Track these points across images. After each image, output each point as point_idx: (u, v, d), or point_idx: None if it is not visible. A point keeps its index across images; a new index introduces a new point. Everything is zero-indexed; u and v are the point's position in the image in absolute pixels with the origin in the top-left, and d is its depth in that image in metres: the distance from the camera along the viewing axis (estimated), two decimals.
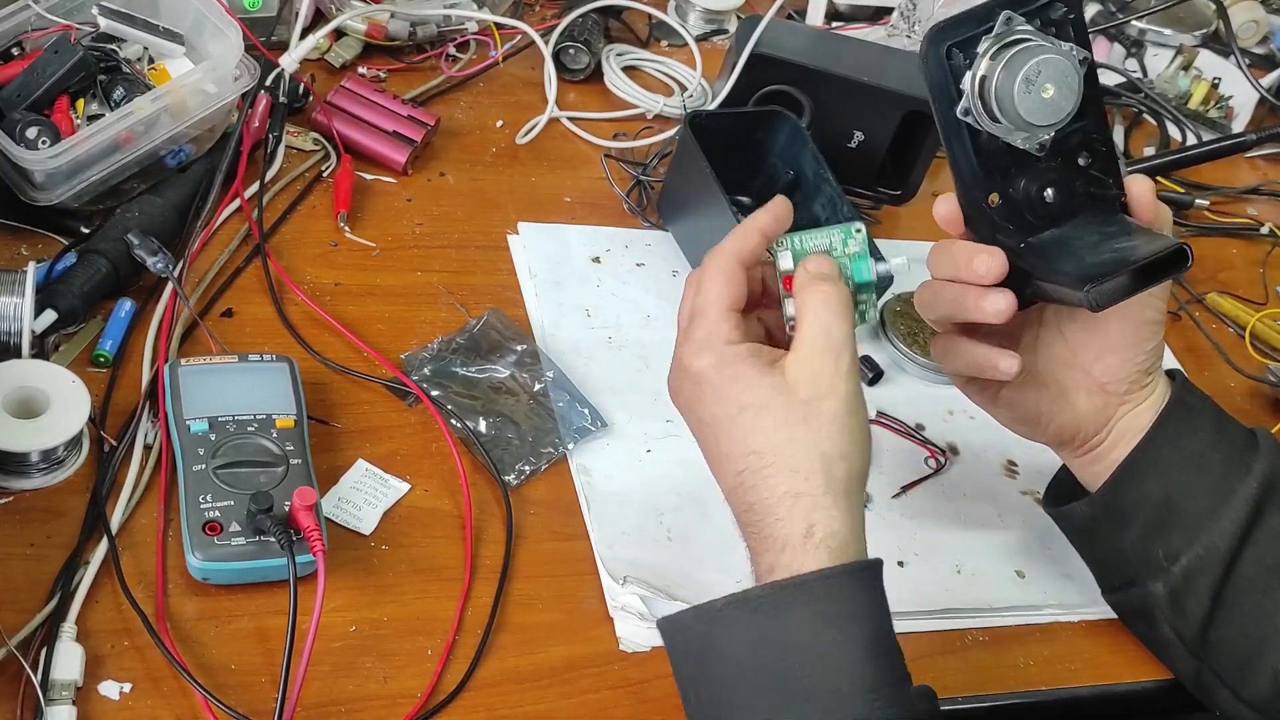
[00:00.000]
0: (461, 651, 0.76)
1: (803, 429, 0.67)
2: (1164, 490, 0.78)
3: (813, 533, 0.65)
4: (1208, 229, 1.26)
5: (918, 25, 1.26)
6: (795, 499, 0.66)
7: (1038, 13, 0.71)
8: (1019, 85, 0.70)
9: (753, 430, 0.68)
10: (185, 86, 0.93)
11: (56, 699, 0.67)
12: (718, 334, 0.70)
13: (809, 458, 0.66)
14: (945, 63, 0.71)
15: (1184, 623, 0.79)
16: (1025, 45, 0.70)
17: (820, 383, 0.68)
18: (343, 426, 0.85)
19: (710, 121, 1.04)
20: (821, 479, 0.66)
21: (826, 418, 0.67)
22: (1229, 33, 1.38)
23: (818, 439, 0.67)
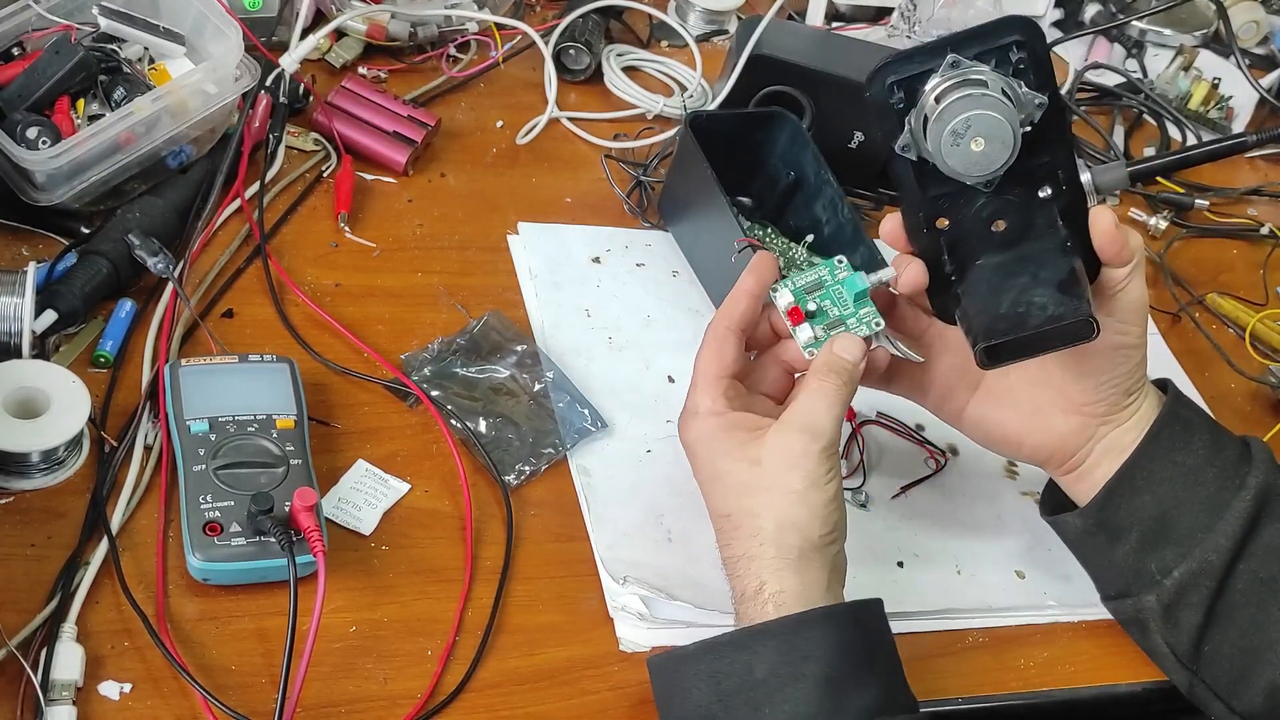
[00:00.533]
0: (461, 652, 0.76)
1: (763, 499, 0.72)
2: (1158, 505, 0.78)
3: (761, 590, 0.71)
4: (1208, 230, 1.26)
5: (918, 25, 1.26)
6: (751, 560, 0.72)
7: (994, 54, 0.70)
8: (946, 138, 0.70)
9: (724, 495, 0.74)
10: (186, 87, 0.93)
11: (56, 699, 0.67)
12: (702, 405, 0.76)
13: (769, 526, 0.72)
14: (887, 100, 0.71)
15: (1177, 635, 0.79)
16: (961, 96, 0.69)
17: (788, 459, 0.72)
18: (343, 427, 0.85)
19: (711, 122, 1.04)
20: (773, 546, 0.71)
21: (786, 490, 0.72)
22: (1229, 33, 1.38)
23: (775, 509, 0.72)
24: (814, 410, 0.73)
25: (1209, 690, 0.79)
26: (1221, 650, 0.78)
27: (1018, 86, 0.70)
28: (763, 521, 0.72)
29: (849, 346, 0.76)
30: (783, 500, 0.72)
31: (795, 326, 0.78)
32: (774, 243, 1.03)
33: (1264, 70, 1.44)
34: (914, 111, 0.71)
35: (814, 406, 0.74)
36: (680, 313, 1.01)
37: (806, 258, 1.02)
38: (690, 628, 0.79)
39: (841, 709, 0.67)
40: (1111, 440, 0.80)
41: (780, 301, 0.78)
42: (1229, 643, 0.78)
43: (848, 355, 0.76)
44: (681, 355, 0.97)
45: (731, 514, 0.73)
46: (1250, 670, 0.77)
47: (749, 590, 0.72)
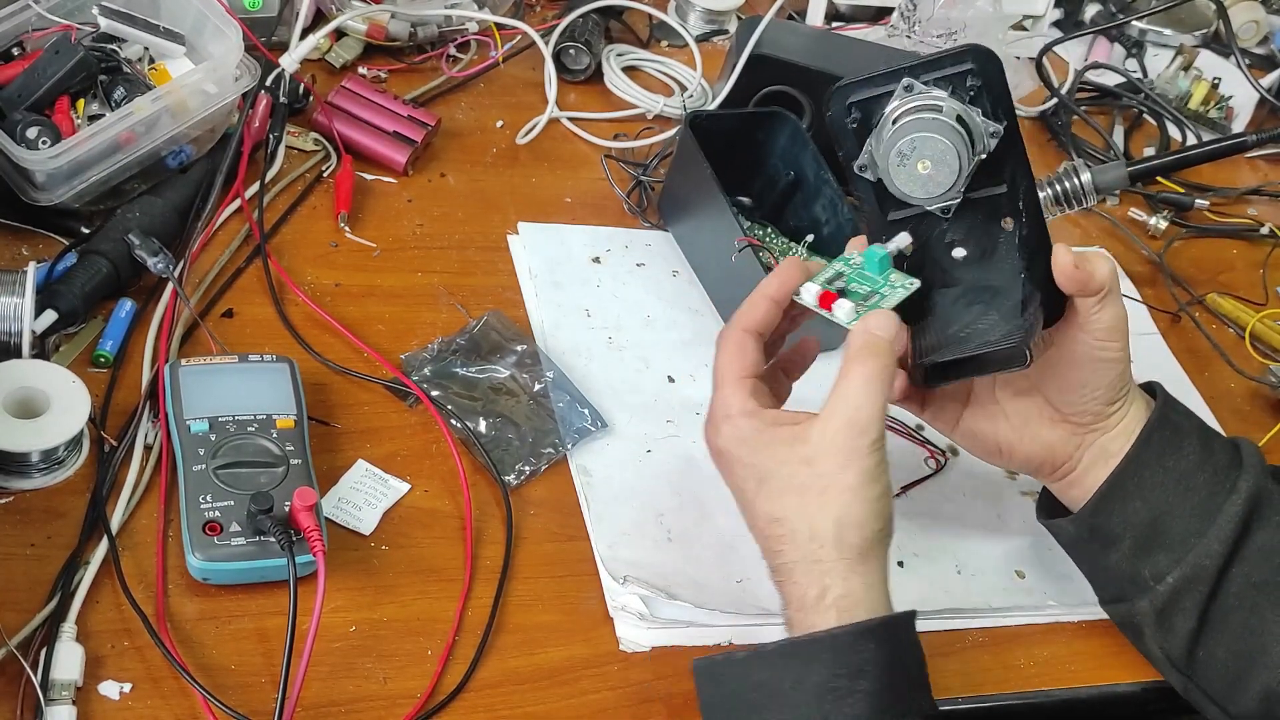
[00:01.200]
0: (461, 652, 0.76)
1: (820, 499, 0.69)
2: (1150, 511, 0.78)
3: (825, 595, 0.68)
4: (1208, 229, 1.26)
5: (918, 25, 1.26)
6: (811, 564, 0.69)
7: (950, 80, 0.70)
8: (893, 158, 0.70)
9: (775, 498, 0.70)
10: (186, 87, 0.93)
11: (56, 699, 0.67)
12: (732, 407, 0.72)
13: (824, 526, 0.68)
14: (844, 119, 0.72)
15: (1172, 640, 0.79)
16: (910, 119, 0.70)
17: (841, 455, 0.69)
18: (343, 427, 0.85)
19: (710, 122, 1.04)
20: (834, 547, 0.68)
21: (844, 487, 0.69)
22: (1229, 33, 1.38)
23: (833, 508, 0.69)
24: (859, 399, 0.69)
25: (1204, 695, 0.79)
26: (1215, 655, 0.78)
27: (974, 114, 0.70)
28: (822, 522, 0.68)
29: (882, 322, 0.71)
30: (841, 498, 0.68)
31: (832, 307, 0.73)
32: (774, 243, 1.03)
33: (1264, 70, 1.44)
34: (873, 133, 0.72)
35: (858, 394, 0.69)
36: (680, 313, 1.01)
37: (806, 257, 1.02)
38: (690, 627, 0.79)
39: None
40: (1100, 447, 0.80)
41: (808, 297, 0.74)
42: (1223, 647, 0.78)
43: (882, 331, 0.71)
44: (681, 355, 0.97)
45: (785, 517, 0.70)
46: (1245, 675, 0.77)
47: (809, 597, 0.68)
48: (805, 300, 0.75)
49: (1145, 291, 1.16)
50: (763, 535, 0.71)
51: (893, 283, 0.75)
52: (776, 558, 0.71)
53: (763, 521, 0.71)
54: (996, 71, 0.70)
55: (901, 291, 0.74)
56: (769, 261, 0.98)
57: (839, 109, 0.72)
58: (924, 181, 0.71)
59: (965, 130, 0.70)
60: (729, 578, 0.83)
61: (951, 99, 0.70)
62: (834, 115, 0.73)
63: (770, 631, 0.80)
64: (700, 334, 0.99)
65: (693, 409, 0.93)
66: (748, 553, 0.84)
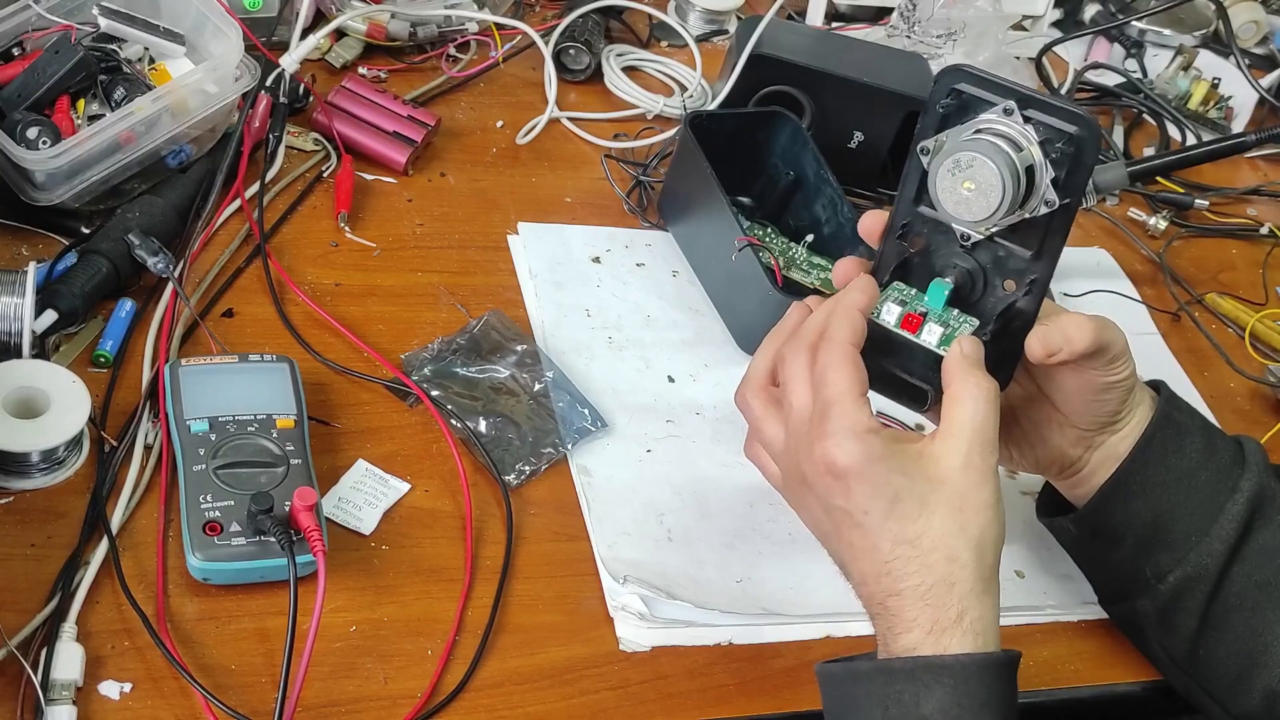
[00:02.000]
0: (462, 652, 0.76)
1: (959, 518, 0.67)
2: (1152, 510, 0.78)
3: (963, 618, 0.66)
4: (1207, 229, 1.26)
5: (917, 25, 1.26)
6: (950, 586, 0.66)
7: (1049, 131, 0.68)
8: (947, 163, 0.69)
9: (910, 519, 0.67)
10: (186, 86, 0.93)
11: (57, 699, 0.67)
12: (859, 424, 0.68)
13: (966, 546, 0.67)
14: (940, 98, 0.71)
15: (1173, 640, 0.79)
16: (986, 139, 0.68)
17: (975, 473, 0.68)
18: (343, 427, 0.85)
19: (710, 122, 1.04)
20: (975, 567, 0.67)
21: (981, 505, 0.67)
22: (1229, 33, 1.38)
23: (973, 528, 0.67)
24: (982, 417, 0.68)
25: (1206, 695, 0.79)
26: (1217, 654, 0.78)
27: (1045, 174, 0.68)
28: (961, 543, 0.66)
29: (979, 347, 0.71)
30: (980, 517, 0.67)
31: (920, 330, 0.73)
32: (774, 242, 1.03)
33: (1263, 70, 1.44)
34: (953, 128, 0.70)
35: (980, 413, 0.68)
36: (680, 312, 1.01)
37: (807, 257, 1.02)
38: (690, 627, 0.79)
39: None
40: (1109, 447, 0.79)
41: (890, 317, 0.73)
42: (1224, 647, 0.78)
43: (976, 353, 0.71)
44: (681, 355, 0.97)
45: (919, 538, 0.66)
46: (1246, 674, 0.77)
47: (944, 620, 0.66)
48: (888, 321, 0.73)
49: (1145, 291, 1.16)
50: (884, 562, 0.67)
51: (957, 319, 0.74)
52: (900, 582, 0.67)
53: (889, 544, 0.67)
54: (1090, 155, 0.68)
55: (967, 327, 0.73)
56: (769, 262, 0.98)
57: (942, 86, 0.70)
58: (960, 199, 0.69)
59: (1027, 182, 0.68)
60: (729, 578, 0.83)
61: (1036, 148, 0.68)
62: (935, 90, 0.71)
63: (770, 631, 0.81)
64: (700, 334, 0.99)
65: (693, 409, 0.93)
66: (748, 552, 0.85)
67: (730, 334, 0.99)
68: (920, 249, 0.75)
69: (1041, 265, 0.72)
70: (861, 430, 0.67)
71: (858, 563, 0.69)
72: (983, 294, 0.74)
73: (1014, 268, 0.73)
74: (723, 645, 0.80)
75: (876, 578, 0.68)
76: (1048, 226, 0.71)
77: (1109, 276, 1.17)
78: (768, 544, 0.85)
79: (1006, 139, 0.68)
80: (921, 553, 0.66)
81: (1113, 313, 1.10)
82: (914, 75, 1.14)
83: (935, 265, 0.74)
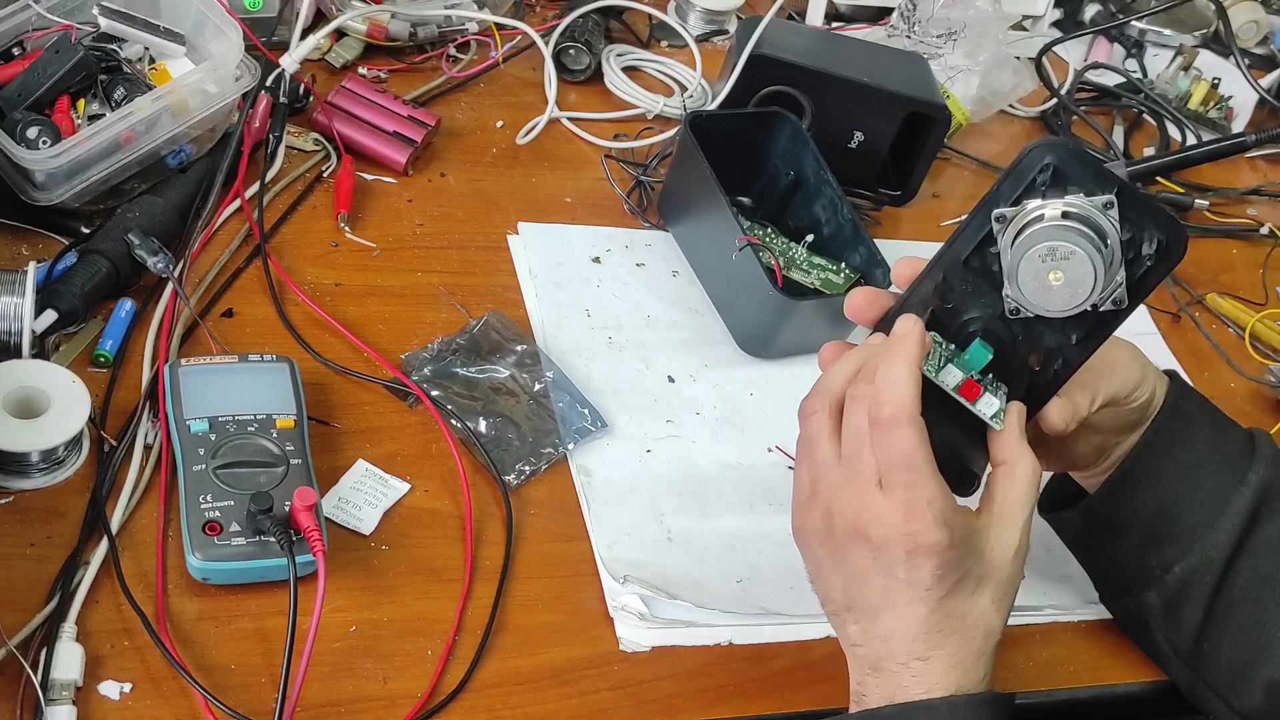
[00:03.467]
0: (461, 652, 0.76)
1: (1003, 600, 0.69)
2: (1158, 501, 0.78)
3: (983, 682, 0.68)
4: (1208, 230, 1.26)
5: (917, 25, 1.26)
6: (980, 656, 0.68)
7: (1136, 231, 0.65)
8: (1039, 247, 0.65)
9: (964, 598, 0.67)
10: (186, 86, 0.93)
11: (56, 699, 0.67)
12: (947, 508, 0.66)
13: (1001, 621, 0.69)
14: (1032, 168, 0.66)
15: (1178, 632, 0.79)
16: (1088, 233, 0.65)
17: (1020, 558, 0.69)
18: (343, 427, 0.85)
19: (711, 122, 1.04)
20: (996, 642, 0.69)
21: (1018, 583, 0.70)
22: (1229, 33, 1.38)
23: (1009, 603, 0.69)
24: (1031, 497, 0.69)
25: (1208, 688, 0.79)
26: (1221, 647, 0.78)
27: (1121, 274, 0.66)
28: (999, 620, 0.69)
29: (1022, 417, 0.70)
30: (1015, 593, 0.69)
31: (977, 399, 0.70)
32: (774, 242, 1.03)
33: (1263, 70, 1.44)
34: (1038, 202, 0.66)
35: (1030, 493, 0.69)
36: (680, 313, 1.01)
37: (807, 257, 1.02)
38: (690, 627, 0.79)
39: None
40: (1126, 446, 0.80)
41: (950, 379, 0.70)
42: (1228, 639, 0.78)
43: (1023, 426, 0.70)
44: (681, 355, 0.97)
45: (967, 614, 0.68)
46: (1250, 668, 0.77)
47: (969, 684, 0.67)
48: (948, 384, 0.70)
49: None
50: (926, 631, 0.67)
51: (993, 384, 0.71)
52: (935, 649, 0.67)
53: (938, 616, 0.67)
54: (1172, 263, 0.66)
55: (1004, 397, 0.71)
56: (769, 262, 0.98)
57: (1036, 156, 0.66)
58: (1044, 287, 0.66)
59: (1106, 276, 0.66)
60: (729, 578, 0.83)
61: (1120, 246, 0.66)
62: (1029, 157, 0.66)
63: (770, 631, 0.81)
64: (700, 334, 0.99)
65: (693, 409, 0.93)
66: (748, 552, 0.85)
67: (730, 334, 0.99)
68: (953, 308, 0.71)
69: (1076, 351, 0.70)
70: (950, 515, 0.66)
71: (884, 620, 0.68)
72: (1004, 368, 0.71)
73: (1048, 347, 0.70)
74: (723, 645, 0.80)
75: (909, 641, 0.67)
76: (1099, 320, 0.68)
77: None
78: (768, 544, 0.85)
79: (1098, 231, 0.65)
80: (965, 627, 0.67)
81: None
82: (914, 75, 1.14)
83: (961, 322, 0.71)
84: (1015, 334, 0.70)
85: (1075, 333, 0.69)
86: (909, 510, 0.66)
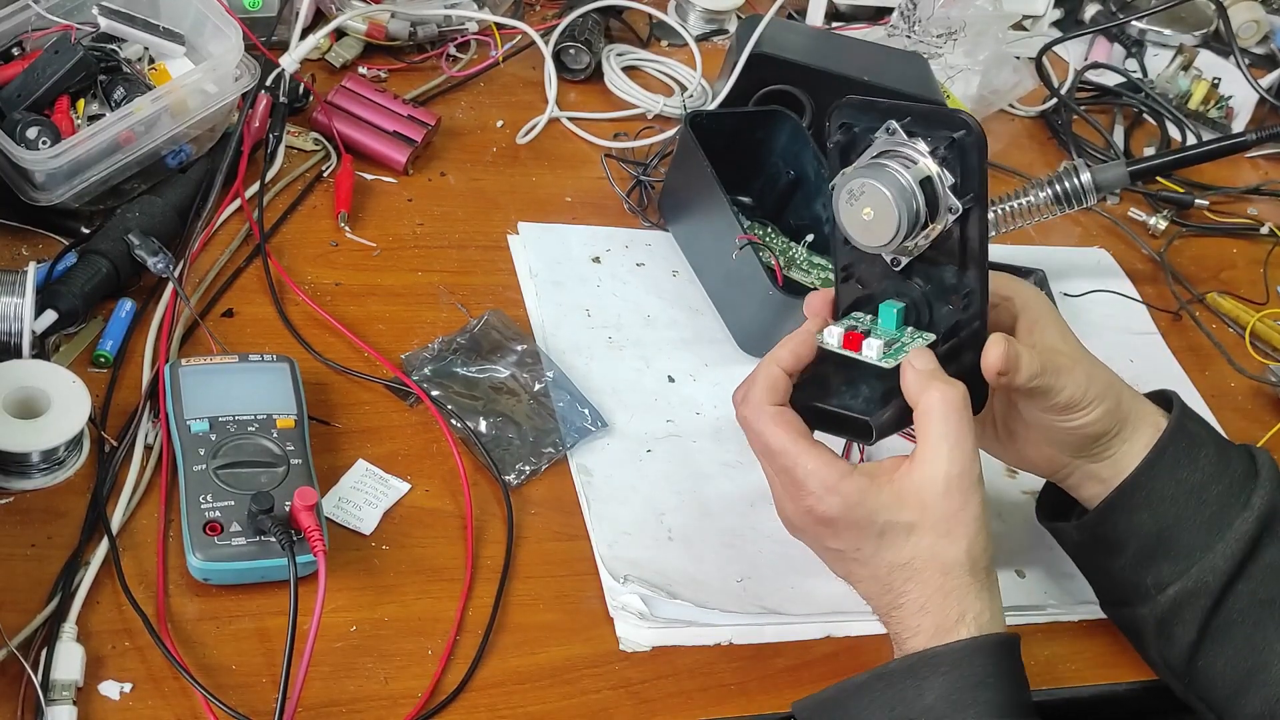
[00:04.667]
0: (462, 652, 0.76)
1: (949, 538, 0.70)
2: (1157, 523, 0.78)
3: (964, 617, 0.70)
4: (1208, 229, 1.26)
5: (918, 25, 1.26)
6: (946, 594, 0.70)
7: (938, 140, 0.69)
8: (844, 194, 0.70)
9: (899, 547, 0.71)
10: (185, 86, 0.93)
11: (57, 699, 0.67)
12: (830, 475, 0.70)
13: (957, 559, 0.70)
14: (835, 138, 0.72)
15: (1171, 650, 0.79)
16: (873, 163, 0.69)
17: (956, 496, 0.70)
18: (343, 426, 0.85)
19: (711, 121, 1.04)
20: (968, 573, 0.70)
21: (969, 519, 0.70)
22: (1229, 33, 1.38)
23: (962, 541, 0.70)
24: (951, 432, 0.70)
25: (1203, 704, 0.79)
26: (1215, 667, 0.77)
27: (942, 182, 0.69)
28: (952, 555, 0.70)
29: (926, 355, 0.71)
30: (968, 530, 0.70)
31: (861, 346, 0.73)
32: (774, 242, 1.03)
33: (1264, 70, 1.44)
34: (857, 162, 0.71)
35: (949, 428, 0.70)
36: (680, 312, 1.01)
37: (807, 257, 1.02)
38: (690, 627, 0.79)
39: None
40: (1086, 472, 0.80)
41: (831, 339, 0.73)
42: (1223, 659, 0.77)
43: (930, 363, 0.71)
44: (681, 355, 0.97)
45: (911, 560, 0.70)
46: (1244, 689, 0.76)
47: (947, 623, 0.70)
48: (830, 343, 0.73)
49: (1146, 290, 1.16)
50: (883, 584, 0.72)
51: (911, 335, 0.74)
52: (901, 598, 0.71)
53: (884, 571, 0.71)
54: (975, 155, 0.68)
55: (920, 341, 0.73)
56: (769, 261, 0.98)
57: (833, 123, 0.72)
58: (864, 227, 0.70)
59: (926, 195, 0.69)
60: (729, 577, 0.83)
61: (930, 159, 0.69)
62: (828, 128, 0.73)
63: (771, 631, 0.81)
64: (700, 334, 0.99)
65: (693, 409, 0.93)
66: (748, 552, 0.85)
67: (730, 334, 0.99)
68: (863, 288, 0.75)
69: (971, 275, 0.72)
70: (835, 481, 0.70)
71: (860, 585, 0.74)
72: (931, 317, 0.74)
73: (950, 284, 0.72)
74: (723, 645, 0.80)
75: (878, 595, 0.73)
76: (963, 235, 0.70)
77: (1109, 276, 1.17)
78: (768, 544, 0.85)
79: (899, 158, 0.69)
80: (915, 572, 0.70)
81: (1113, 312, 1.12)
82: (914, 74, 1.14)
83: (874, 295, 0.75)
84: (916, 283, 0.73)
85: (954, 259, 0.72)
86: (795, 490, 0.72)
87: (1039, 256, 1.15)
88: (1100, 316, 1.11)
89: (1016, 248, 1.16)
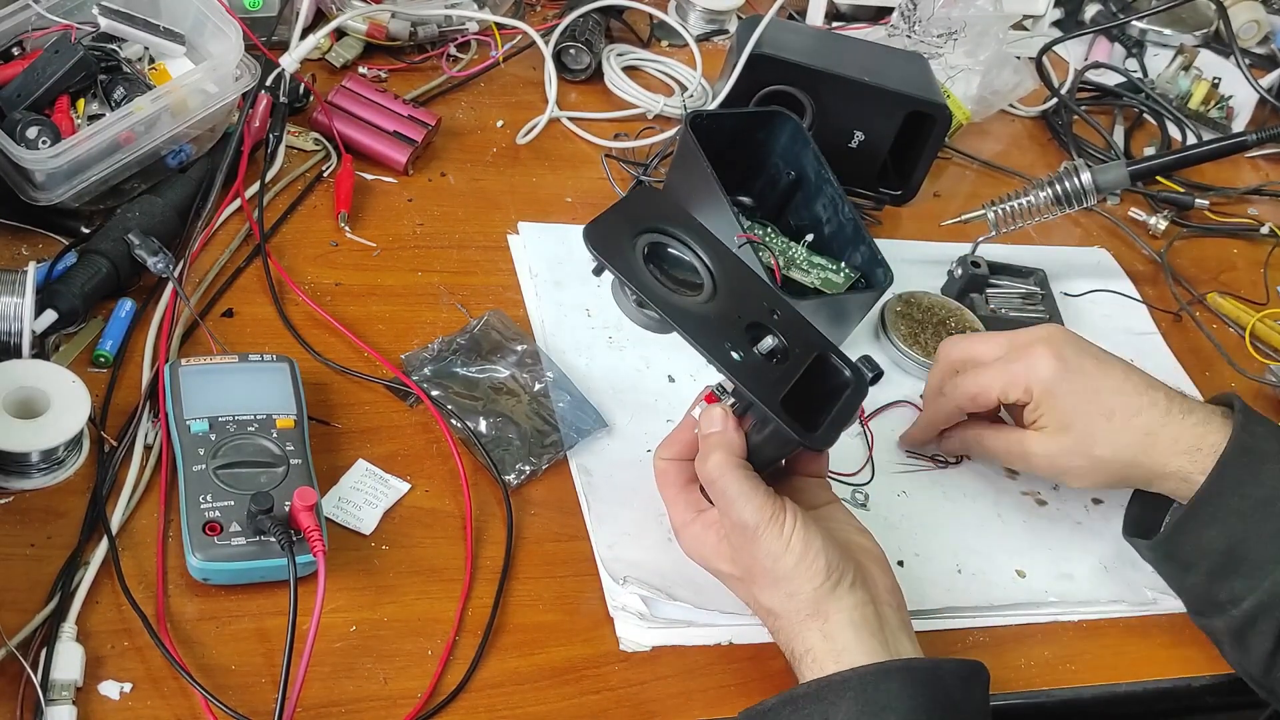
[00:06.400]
0: (462, 652, 0.76)
1: (757, 586, 0.75)
2: (1227, 539, 0.79)
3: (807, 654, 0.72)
4: (1208, 229, 1.26)
5: (918, 25, 1.26)
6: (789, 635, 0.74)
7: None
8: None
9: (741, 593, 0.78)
10: (186, 86, 0.93)
11: (57, 699, 0.67)
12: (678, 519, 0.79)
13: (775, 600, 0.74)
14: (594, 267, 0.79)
15: (1248, 659, 0.80)
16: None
17: (748, 546, 0.73)
18: (343, 426, 0.85)
19: (711, 122, 1.04)
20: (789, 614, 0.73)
21: (769, 567, 0.73)
22: (1229, 33, 1.38)
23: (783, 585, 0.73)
24: (734, 511, 0.73)
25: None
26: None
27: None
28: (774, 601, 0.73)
29: (708, 418, 0.76)
30: (774, 579, 0.73)
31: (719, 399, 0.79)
32: (774, 242, 1.03)
33: (1264, 70, 1.44)
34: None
35: (732, 497, 0.73)
36: None
37: (807, 257, 1.02)
38: (690, 627, 0.79)
39: None
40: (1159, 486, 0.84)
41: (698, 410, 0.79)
42: None
43: (710, 426, 0.76)
44: (681, 355, 0.97)
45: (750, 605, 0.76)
46: None
47: (795, 659, 0.73)
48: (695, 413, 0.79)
49: (1146, 291, 1.16)
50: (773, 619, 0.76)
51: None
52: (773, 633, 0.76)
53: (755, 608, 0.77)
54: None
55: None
56: (769, 261, 0.98)
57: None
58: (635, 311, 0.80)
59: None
60: None
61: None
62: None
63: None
64: None
65: None
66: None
67: None
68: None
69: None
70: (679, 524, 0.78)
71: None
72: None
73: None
74: (723, 645, 0.80)
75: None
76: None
77: (1109, 276, 1.17)
78: None
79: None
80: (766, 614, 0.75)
81: (1113, 313, 1.12)
82: (915, 75, 1.14)
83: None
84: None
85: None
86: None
87: (1039, 256, 1.15)
88: (1100, 317, 1.11)
89: (1017, 248, 1.16)
